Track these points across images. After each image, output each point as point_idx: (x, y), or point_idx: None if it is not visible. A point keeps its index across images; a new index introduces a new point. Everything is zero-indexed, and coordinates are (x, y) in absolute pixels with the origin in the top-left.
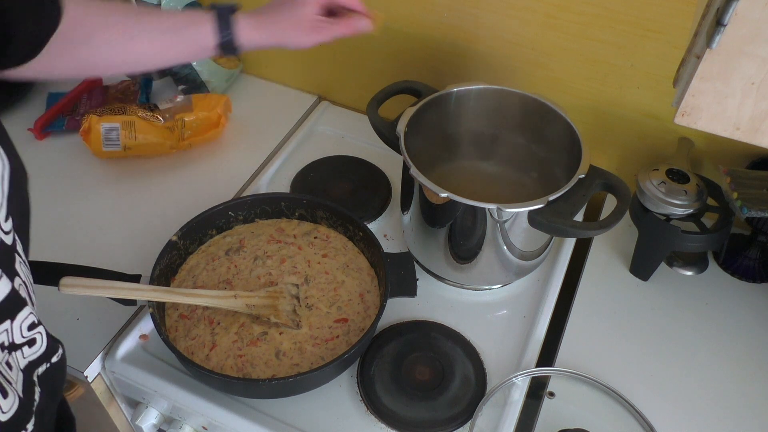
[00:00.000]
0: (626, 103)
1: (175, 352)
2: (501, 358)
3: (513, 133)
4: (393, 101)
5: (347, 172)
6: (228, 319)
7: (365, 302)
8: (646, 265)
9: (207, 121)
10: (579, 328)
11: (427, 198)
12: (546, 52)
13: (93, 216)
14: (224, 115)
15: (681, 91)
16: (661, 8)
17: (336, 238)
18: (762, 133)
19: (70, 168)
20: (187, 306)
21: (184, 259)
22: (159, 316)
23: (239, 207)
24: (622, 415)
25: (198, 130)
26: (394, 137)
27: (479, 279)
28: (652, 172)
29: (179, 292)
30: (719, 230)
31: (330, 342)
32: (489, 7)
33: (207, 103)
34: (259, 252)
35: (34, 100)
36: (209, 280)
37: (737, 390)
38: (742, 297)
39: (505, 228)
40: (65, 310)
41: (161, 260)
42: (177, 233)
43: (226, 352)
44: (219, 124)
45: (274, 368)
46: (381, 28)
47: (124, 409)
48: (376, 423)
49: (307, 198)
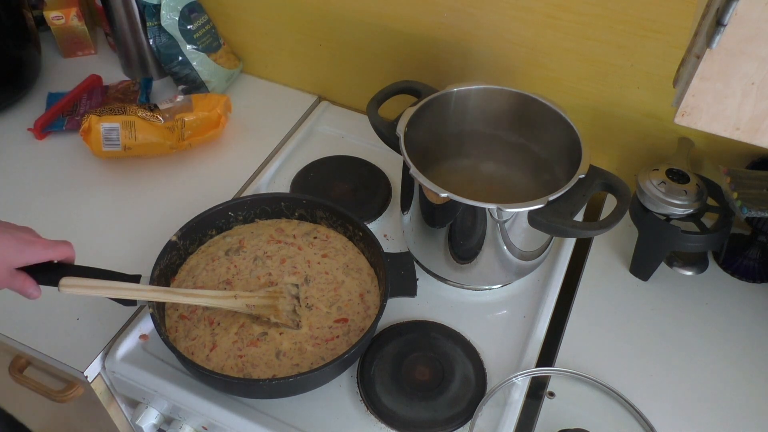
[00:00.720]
0: (626, 103)
1: (175, 352)
2: (501, 358)
3: (513, 133)
4: (393, 101)
5: (347, 172)
6: (228, 319)
7: (365, 302)
8: (646, 265)
9: (207, 121)
10: (579, 328)
11: (427, 198)
12: (546, 52)
13: (93, 216)
14: (224, 115)
15: (681, 91)
16: (661, 8)
17: (336, 238)
18: (762, 133)
19: (70, 168)
20: (186, 306)
21: (184, 259)
22: (159, 316)
23: (239, 207)
24: (622, 415)
25: (198, 131)
26: (394, 137)
27: (479, 279)
28: (652, 172)
29: (179, 293)
30: (719, 230)
31: (330, 342)
32: (489, 7)
33: (207, 103)
34: (259, 252)
35: (34, 100)
36: (209, 280)
37: (737, 390)
38: (742, 297)
39: (505, 228)
40: (65, 310)
41: (161, 260)
42: (177, 233)
43: (226, 352)
44: (219, 124)
45: (274, 368)
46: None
47: (124, 409)
48: (376, 423)
49: (307, 198)
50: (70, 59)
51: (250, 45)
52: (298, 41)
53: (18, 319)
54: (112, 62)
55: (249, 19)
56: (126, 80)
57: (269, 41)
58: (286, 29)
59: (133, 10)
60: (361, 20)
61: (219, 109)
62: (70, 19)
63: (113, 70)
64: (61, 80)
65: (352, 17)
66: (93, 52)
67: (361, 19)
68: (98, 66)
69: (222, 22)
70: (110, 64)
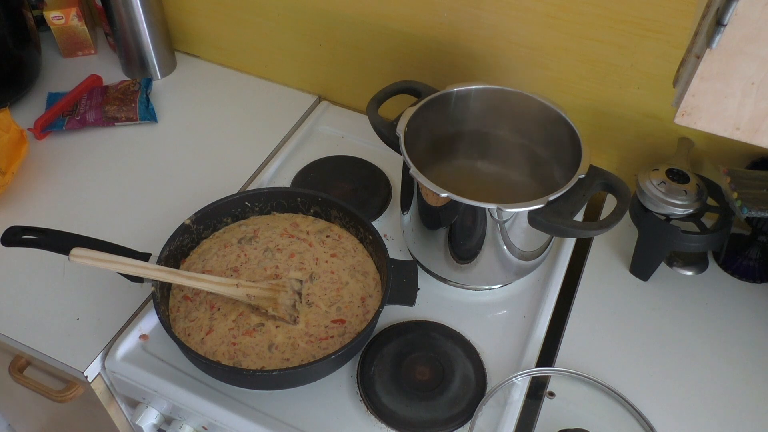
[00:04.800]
0: (626, 103)
1: (169, 332)
2: (501, 358)
3: (513, 133)
4: (393, 101)
5: (347, 172)
6: (228, 306)
7: (365, 306)
8: (646, 265)
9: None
10: (579, 328)
11: (427, 198)
12: (546, 52)
13: (94, 210)
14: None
15: (681, 91)
16: (661, 8)
17: (348, 239)
18: (762, 133)
19: (71, 168)
20: (191, 288)
21: (197, 243)
22: (163, 295)
23: (256, 198)
24: (622, 415)
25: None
26: (394, 137)
27: (479, 279)
28: (652, 172)
29: (182, 275)
30: (719, 230)
31: (324, 341)
32: (489, 7)
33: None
34: (271, 244)
35: (34, 100)
36: (218, 265)
37: (737, 390)
38: (742, 297)
39: (505, 228)
40: (65, 310)
41: (171, 242)
42: (191, 217)
43: (221, 338)
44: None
45: (264, 360)
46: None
47: (124, 409)
48: (376, 423)
49: (323, 196)
50: (70, 59)
51: (251, 45)
52: (298, 41)
53: (18, 319)
54: (112, 62)
55: (249, 19)
56: (126, 80)
57: (269, 41)
58: (286, 29)
59: (133, 10)
60: (361, 20)
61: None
62: (70, 19)
63: (113, 70)
64: (61, 80)
65: (352, 17)
66: (93, 52)
67: (361, 19)
68: (98, 66)
69: (222, 22)
70: (110, 64)
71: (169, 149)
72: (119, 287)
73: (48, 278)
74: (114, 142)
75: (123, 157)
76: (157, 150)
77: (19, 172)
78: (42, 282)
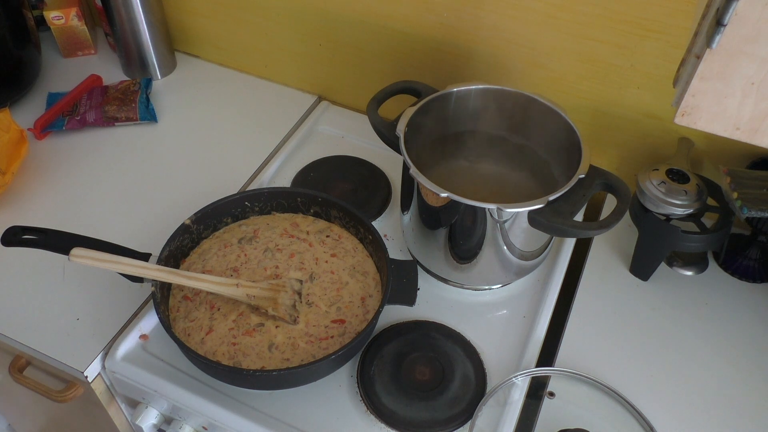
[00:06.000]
0: (626, 103)
1: (169, 332)
2: (501, 358)
3: (513, 133)
4: (393, 101)
5: (347, 172)
6: (228, 306)
7: (365, 306)
8: (646, 265)
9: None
10: (579, 328)
11: (427, 198)
12: (546, 52)
13: (95, 208)
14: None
15: (681, 91)
16: (661, 8)
17: (348, 239)
18: (762, 133)
19: (70, 168)
20: (191, 288)
21: (196, 242)
22: (163, 295)
23: (256, 198)
24: (622, 415)
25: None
26: (394, 137)
27: (479, 279)
28: (652, 172)
29: (182, 275)
30: (719, 230)
31: (324, 341)
32: (489, 7)
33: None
34: (271, 244)
35: (34, 100)
36: (218, 265)
37: (737, 390)
38: (742, 297)
39: (505, 228)
40: (65, 310)
41: (172, 242)
42: (191, 217)
43: (221, 338)
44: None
45: (264, 360)
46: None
47: (124, 409)
48: (376, 423)
49: (323, 196)
50: (70, 59)
51: (250, 45)
52: (298, 41)
53: (18, 319)
54: (112, 62)
55: (249, 19)
56: (126, 80)
57: (269, 41)
58: (286, 29)
59: (133, 10)
60: (361, 20)
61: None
62: (70, 19)
63: (113, 70)
64: (61, 80)
65: (352, 17)
66: (93, 52)
67: (361, 19)
68: (98, 66)
69: (222, 22)
70: (110, 64)
71: (169, 149)
72: (119, 287)
73: (48, 278)
74: (114, 142)
75: (123, 157)
76: (157, 150)
77: (19, 172)
78: (42, 282)
